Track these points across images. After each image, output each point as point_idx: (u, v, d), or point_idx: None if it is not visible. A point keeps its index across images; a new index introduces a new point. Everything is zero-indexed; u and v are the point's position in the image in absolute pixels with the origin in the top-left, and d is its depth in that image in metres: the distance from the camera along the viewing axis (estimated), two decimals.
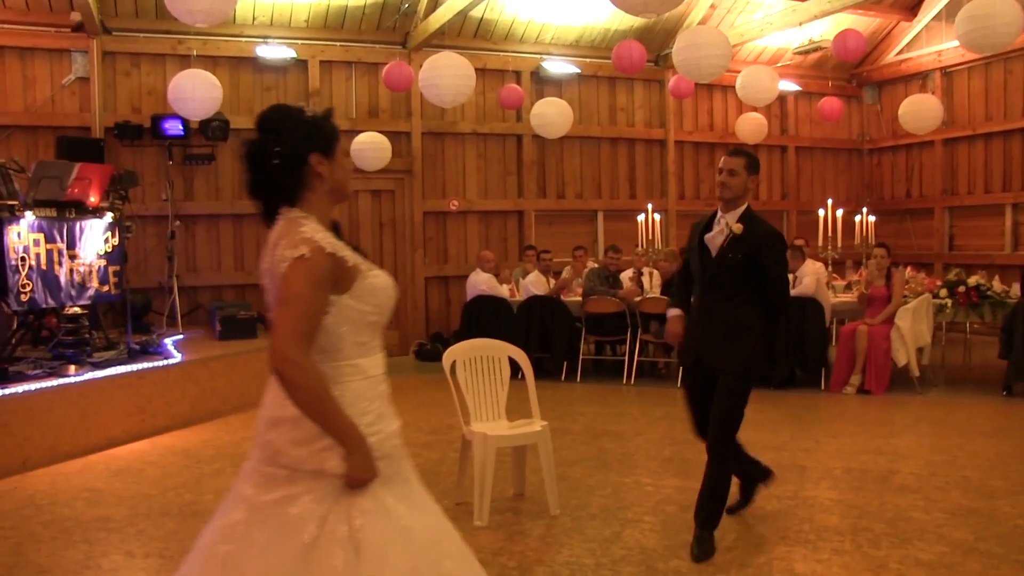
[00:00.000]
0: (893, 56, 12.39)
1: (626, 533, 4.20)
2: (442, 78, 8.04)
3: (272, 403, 2.14)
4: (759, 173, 4.07)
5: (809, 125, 12.78)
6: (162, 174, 9.10)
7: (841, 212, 8.99)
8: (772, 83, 9.23)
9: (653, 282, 8.89)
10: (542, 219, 11.20)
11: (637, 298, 8.51)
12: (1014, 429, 6.37)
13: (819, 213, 9.01)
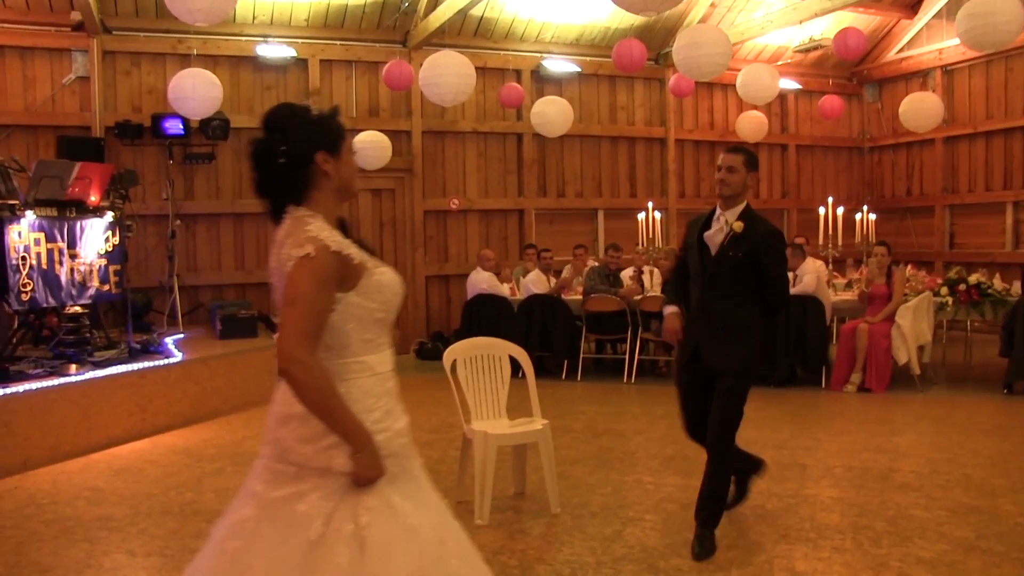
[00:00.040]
0: (894, 54, 12.38)
1: (627, 531, 4.20)
2: (442, 77, 8.03)
3: (282, 400, 2.15)
4: (758, 170, 4.06)
5: (810, 123, 12.77)
6: (162, 173, 9.11)
7: (842, 210, 8.98)
8: (772, 81, 9.22)
9: (654, 280, 8.89)
10: (542, 218, 11.21)
11: (638, 297, 8.51)
12: (1015, 427, 6.37)
13: (820, 211, 9.00)
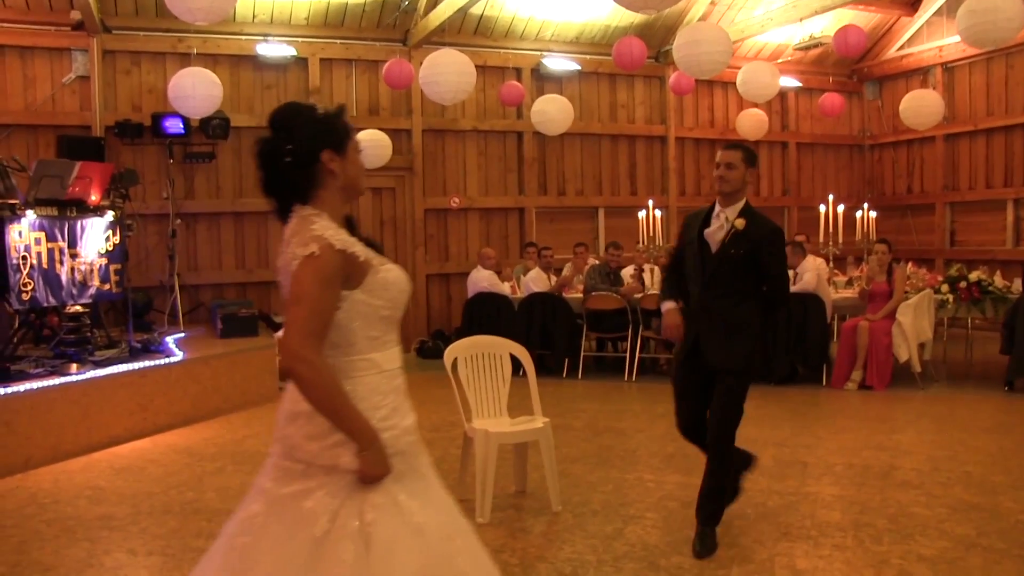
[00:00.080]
0: (894, 52, 12.37)
1: (628, 529, 4.20)
2: (442, 75, 8.03)
3: (290, 397, 2.16)
4: (757, 166, 4.04)
5: (810, 121, 12.77)
6: (163, 172, 9.10)
7: (842, 208, 8.97)
8: (773, 79, 9.22)
9: (654, 278, 8.88)
10: (543, 216, 11.20)
11: (638, 295, 8.51)
12: (1016, 424, 6.37)
13: (820, 209, 8.99)
